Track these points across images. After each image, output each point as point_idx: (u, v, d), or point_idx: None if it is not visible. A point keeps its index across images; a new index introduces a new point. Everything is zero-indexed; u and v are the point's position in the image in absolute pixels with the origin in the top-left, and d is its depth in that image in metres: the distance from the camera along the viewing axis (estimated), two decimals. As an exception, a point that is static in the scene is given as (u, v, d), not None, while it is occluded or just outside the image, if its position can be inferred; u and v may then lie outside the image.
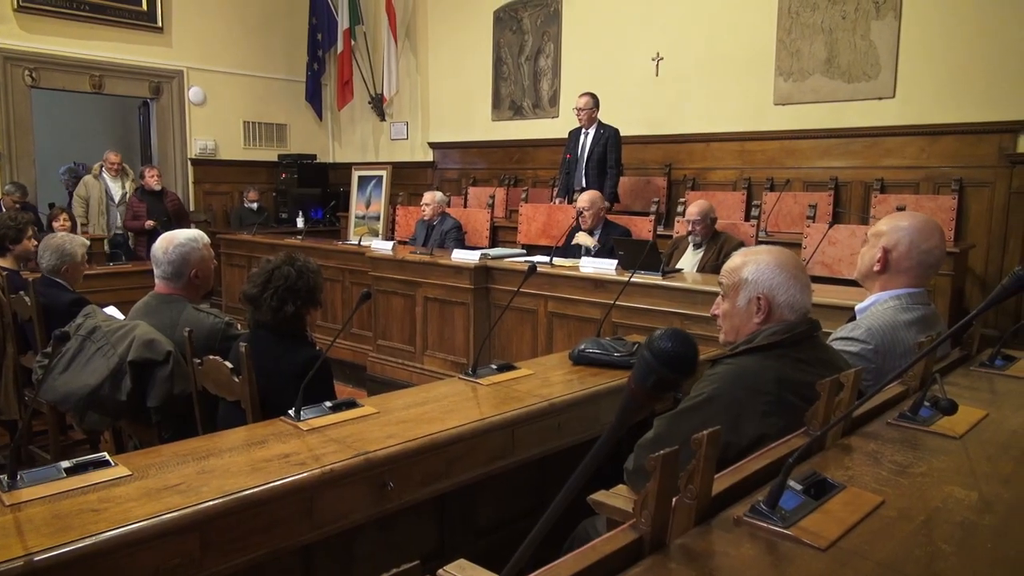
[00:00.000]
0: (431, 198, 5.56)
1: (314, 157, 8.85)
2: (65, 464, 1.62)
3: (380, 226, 7.14)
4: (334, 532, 1.76)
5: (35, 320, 3.39)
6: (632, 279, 3.45)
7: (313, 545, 1.82)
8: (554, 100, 7.12)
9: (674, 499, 1.12)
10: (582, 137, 5.66)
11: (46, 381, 2.48)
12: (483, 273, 4.40)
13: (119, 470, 1.63)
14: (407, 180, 7.97)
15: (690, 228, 4.33)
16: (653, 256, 3.79)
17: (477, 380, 2.40)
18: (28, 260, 4.00)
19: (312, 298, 2.38)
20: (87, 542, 1.35)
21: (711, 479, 1.16)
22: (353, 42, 8.35)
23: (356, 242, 5.73)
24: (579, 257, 4.49)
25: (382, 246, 5.19)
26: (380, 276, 4.92)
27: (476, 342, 4.36)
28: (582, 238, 4.69)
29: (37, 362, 2.67)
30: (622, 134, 5.60)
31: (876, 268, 2.13)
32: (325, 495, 1.69)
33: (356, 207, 7.47)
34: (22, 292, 3.52)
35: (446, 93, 8.04)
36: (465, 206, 7.06)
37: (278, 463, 1.71)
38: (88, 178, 7.05)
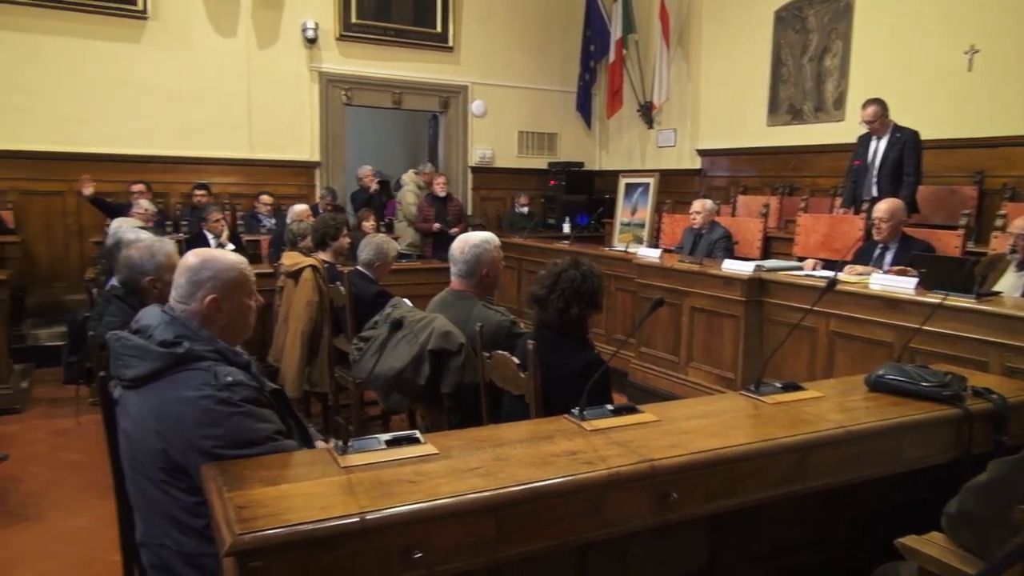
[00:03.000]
0: (701, 206, 5.43)
1: (582, 164, 9.12)
2: (385, 437, 1.81)
3: (645, 233, 7.14)
4: (615, 535, 1.78)
5: (347, 308, 3.88)
6: (944, 301, 3.05)
7: (591, 545, 1.85)
8: (840, 102, 6.58)
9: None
10: (874, 142, 5.15)
11: (360, 362, 2.82)
12: (757, 285, 4.19)
13: (428, 448, 1.79)
14: (673, 187, 7.87)
15: (1013, 245, 3.73)
16: (966, 276, 3.32)
17: (760, 398, 2.28)
18: (343, 255, 4.58)
19: (595, 302, 2.43)
20: (406, 509, 1.49)
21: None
22: (625, 51, 8.44)
23: (623, 248, 5.78)
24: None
25: (649, 253, 5.17)
26: (646, 283, 4.90)
27: (746, 357, 4.16)
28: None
29: (354, 344, 3.04)
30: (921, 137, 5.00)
31: None
32: (610, 496, 1.71)
33: (622, 214, 7.54)
34: (338, 283, 4.04)
35: (717, 99, 7.81)
36: (734, 215, 6.79)
37: (566, 460, 1.76)
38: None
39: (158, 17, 7.00)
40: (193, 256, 1.86)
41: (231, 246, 5.74)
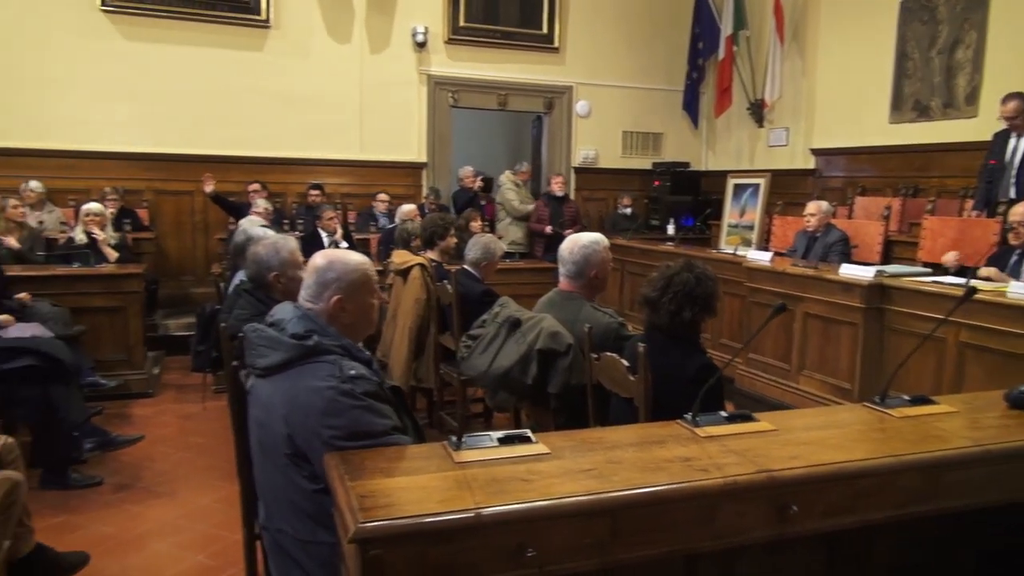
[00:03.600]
0: (816, 208, 5.20)
1: (687, 165, 8.93)
2: (497, 435, 1.83)
3: (754, 235, 6.91)
4: (727, 546, 1.73)
5: (454, 305, 3.95)
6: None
7: (701, 555, 1.81)
8: (972, 98, 6.14)
9: None
10: (1013, 140, 4.78)
11: (469, 360, 2.87)
12: (878, 291, 3.98)
13: (539, 447, 1.79)
14: (785, 188, 7.58)
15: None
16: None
17: (886, 410, 2.15)
18: (450, 254, 4.68)
19: (709, 305, 2.37)
20: (520, 507, 1.50)
21: None
22: (735, 48, 8.20)
23: (731, 251, 5.62)
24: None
25: (759, 256, 5.01)
26: (756, 287, 4.75)
27: (864, 367, 3.96)
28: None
29: (462, 342, 3.10)
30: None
31: None
32: (726, 506, 1.66)
33: (729, 215, 7.33)
34: (445, 281, 4.13)
35: (835, 95, 7.46)
36: (850, 217, 6.47)
37: (680, 466, 1.73)
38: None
39: (280, 26, 7.37)
40: (321, 258, 1.95)
41: (344, 244, 5.97)
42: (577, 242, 2.86)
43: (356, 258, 1.98)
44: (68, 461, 3.60)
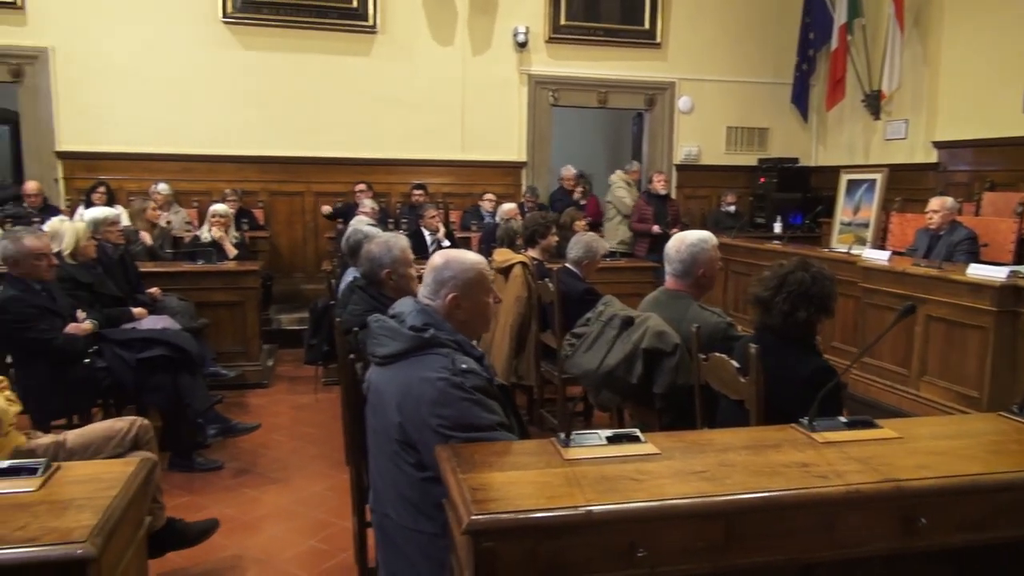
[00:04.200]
0: (940, 204, 4.89)
1: (796, 160, 8.58)
2: (606, 433, 1.82)
3: (869, 234, 6.56)
4: (846, 557, 1.65)
5: (555, 304, 3.96)
6: None
7: (818, 564, 1.73)
8: (1121, 82, 5.61)
9: None
10: None
11: (572, 358, 2.86)
12: (1011, 294, 3.70)
13: (649, 447, 1.77)
14: (903, 184, 7.16)
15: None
16: None
17: (1026, 421, 2.00)
18: (550, 252, 4.68)
19: (825, 306, 2.28)
20: (632, 506, 1.49)
21: None
22: (849, 37, 7.81)
23: (844, 250, 5.37)
24: None
25: (876, 255, 4.76)
26: (872, 288, 4.52)
27: (995, 374, 3.69)
28: None
29: (566, 340, 3.10)
30: None
31: None
32: (847, 515, 1.59)
33: (842, 212, 6.99)
34: (546, 279, 4.14)
35: (960, 84, 6.97)
36: (978, 213, 6.04)
37: (797, 471, 1.67)
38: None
39: (386, 31, 7.59)
40: (439, 257, 2.02)
41: (447, 242, 6.09)
42: (684, 240, 2.81)
43: (472, 258, 2.03)
44: (193, 445, 3.83)
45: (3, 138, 10.84)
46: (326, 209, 7.07)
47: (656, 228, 7.05)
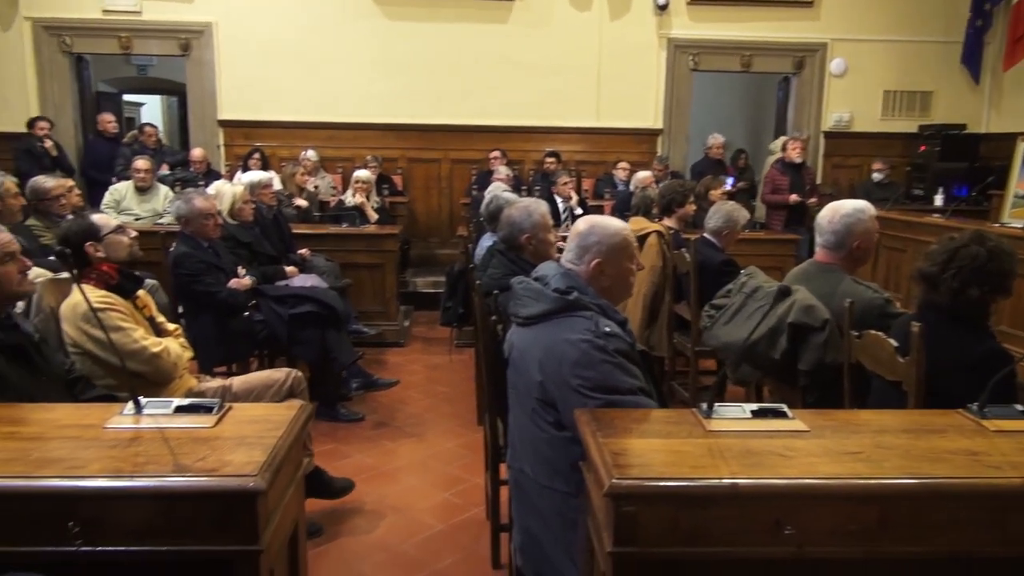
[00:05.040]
0: None
1: (963, 127, 7.82)
2: (750, 407, 1.76)
3: (1049, 208, 5.91)
4: (1018, 554, 1.52)
5: (691, 275, 3.85)
6: None
7: (981, 561, 1.61)
8: None
9: None
10: None
11: (711, 329, 2.79)
12: None
13: (797, 424, 1.70)
14: (1091, 153, 6.39)
15: None
16: None
17: None
18: (687, 222, 4.56)
19: (1002, 285, 2.09)
20: (780, 483, 1.44)
21: None
22: (1035, -12, 7.00)
23: (1019, 225, 4.87)
24: None
25: (1057, 232, 4.29)
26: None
27: None
28: None
29: (704, 312, 3.02)
30: None
31: None
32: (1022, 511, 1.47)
33: (1016, 184, 6.32)
34: (683, 249, 4.03)
35: None
36: None
37: (964, 459, 1.55)
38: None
39: (524, -2, 7.58)
40: (583, 222, 2.03)
41: (579, 210, 6.07)
42: (838, 210, 2.64)
43: (617, 224, 2.03)
44: (338, 397, 4.07)
45: (172, 108, 11.86)
46: None
47: (794, 197, 6.66)
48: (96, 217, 2.65)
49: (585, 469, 1.72)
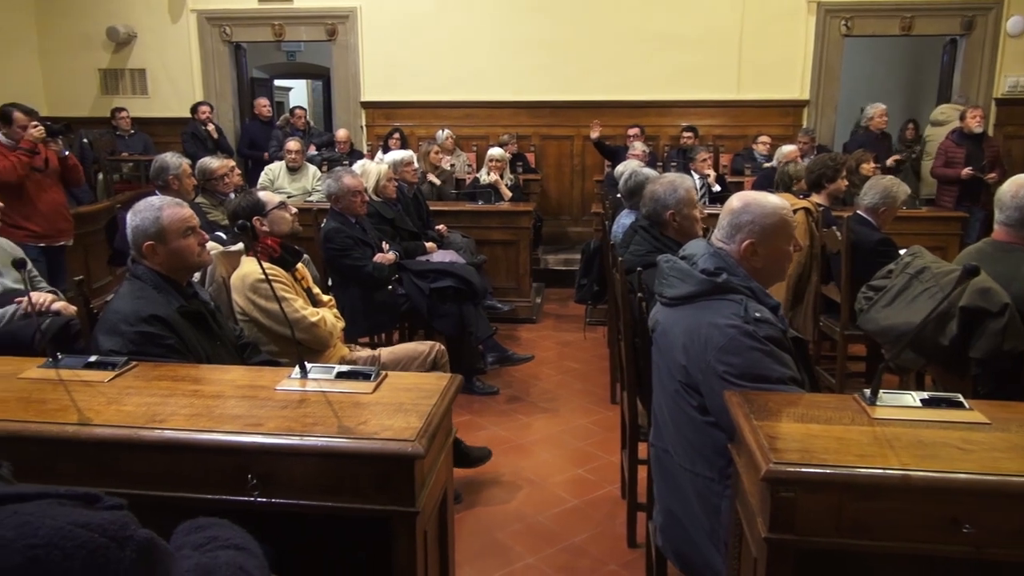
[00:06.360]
0: None
1: None
2: (921, 396, 1.65)
3: None
4: None
5: (843, 254, 3.63)
6: None
7: None
8: None
9: None
10: None
11: (869, 312, 2.62)
12: None
13: (975, 415, 1.57)
14: None
15: None
16: None
17: None
18: (838, 198, 4.29)
19: None
20: (958, 477, 1.34)
21: None
22: None
23: None
24: None
25: None
26: None
27: None
28: None
29: (862, 293, 2.84)
30: None
31: None
32: None
33: None
34: (833, 227, 3.80)
35: None
36: None
37: None
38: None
39: (661, -34, 7.35)
40: (737, 199, 1.93)
41: (717, 187, 5.86)
42: (1022, 184, 2.40)
43: (774, 201, 1.91)
44: (474, 370, 4.18)
45: (316, 92, 12.50)
46: (596, 134, 6.97)
47: (966, 171, 6.07)
48: (262, 194, 2.84)
49: (735, 452, 1.67)
